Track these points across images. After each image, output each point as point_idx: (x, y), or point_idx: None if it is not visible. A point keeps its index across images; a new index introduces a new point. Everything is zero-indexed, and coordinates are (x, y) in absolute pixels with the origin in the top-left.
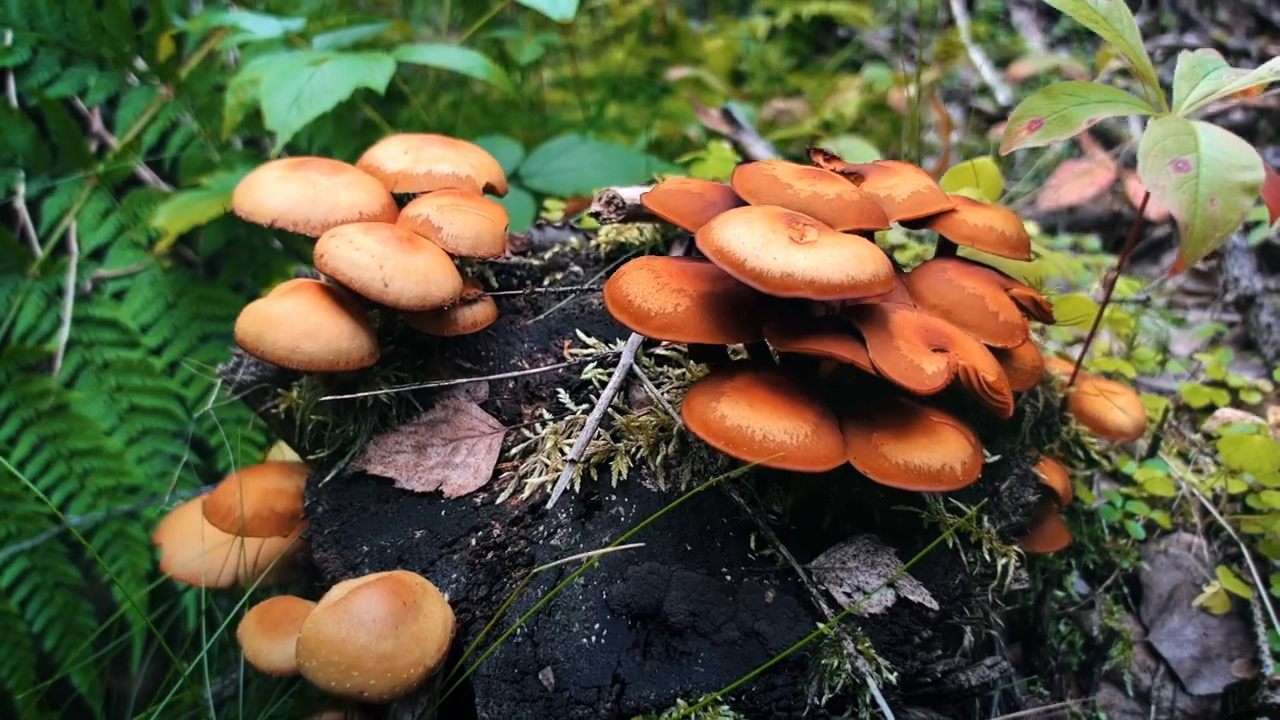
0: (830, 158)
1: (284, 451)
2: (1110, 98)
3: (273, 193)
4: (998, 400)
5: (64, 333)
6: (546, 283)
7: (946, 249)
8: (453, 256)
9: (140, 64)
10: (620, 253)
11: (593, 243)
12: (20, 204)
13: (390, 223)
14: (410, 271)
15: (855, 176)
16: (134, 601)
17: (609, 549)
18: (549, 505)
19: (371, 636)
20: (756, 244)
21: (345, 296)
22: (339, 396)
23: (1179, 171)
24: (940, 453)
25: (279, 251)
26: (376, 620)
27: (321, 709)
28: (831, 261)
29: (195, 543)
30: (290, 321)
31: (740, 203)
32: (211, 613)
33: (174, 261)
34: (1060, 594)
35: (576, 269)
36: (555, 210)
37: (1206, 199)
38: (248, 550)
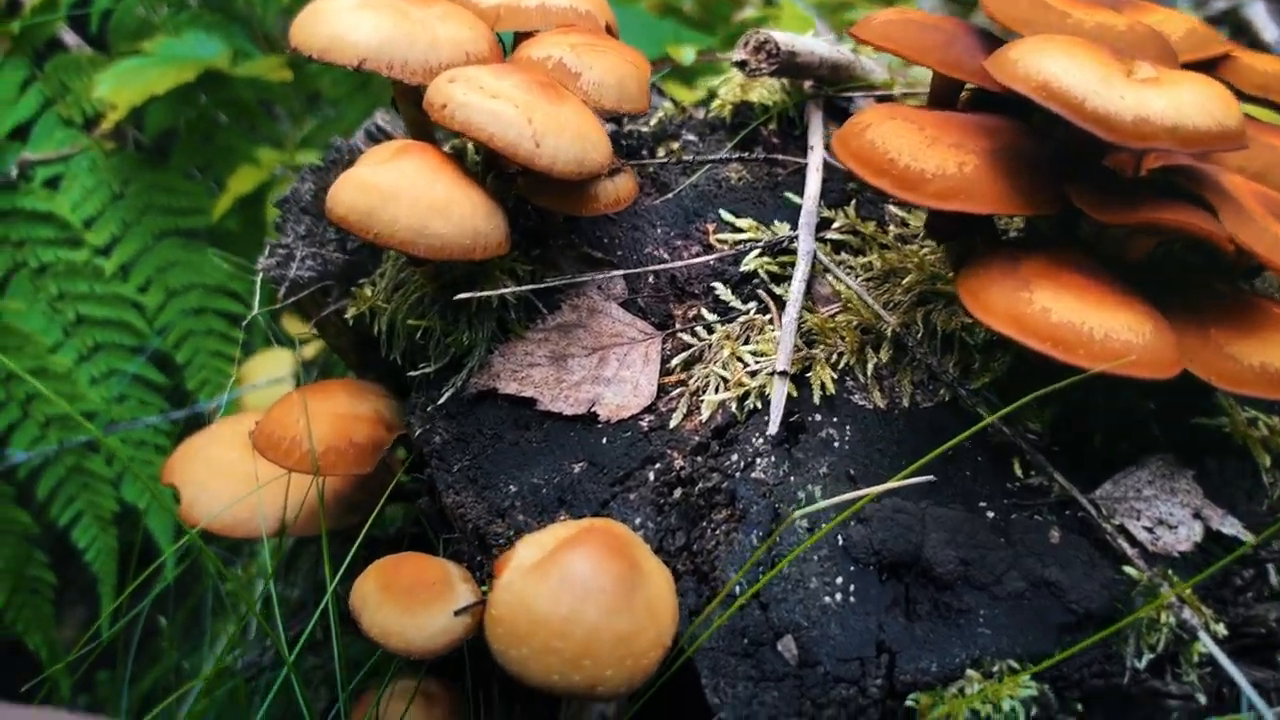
0: None
1: (256, 370)
2: None
3: (354, 25)
4: None
5: None
6: (663, 154)
7: None
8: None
9: None
10: (745, 117)
11: (712, 106)
12: None
13: (494, 59)
14: (563, 127)
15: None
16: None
17: (894, 484)
18: (771, 430)
19: (602, 612)
20: (1095, 79)
21: (467, 164)
22: (472, 294)
23: None
24: None
25: (240, 132)
26: (604, 589)
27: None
28: (1193, 103)
29: (222, 483)
30: (413, 194)
31: (984, 38)
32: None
33: (115, 144)
34: None
35: (691, 137)
36: None
37: None
38: (281, 492)
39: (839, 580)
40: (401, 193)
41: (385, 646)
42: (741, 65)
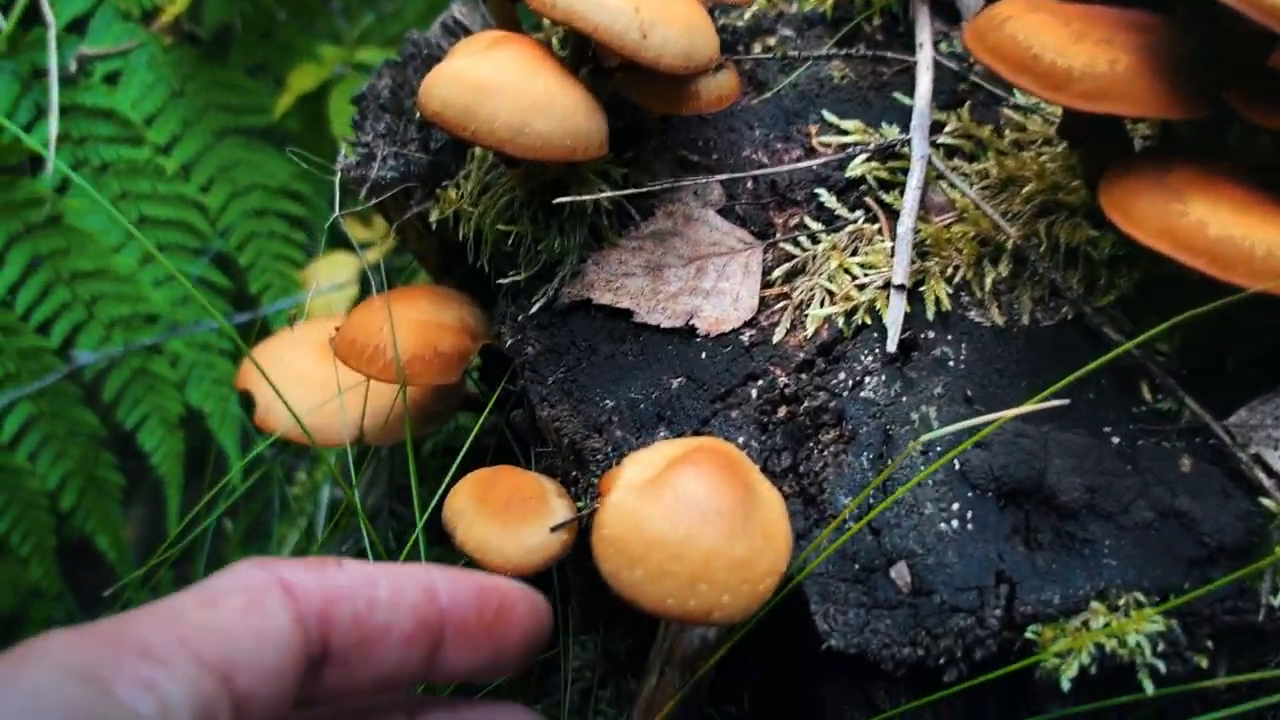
0: None
1: (320, 274)
2: None
3: None
4: None
5: (52, 124)
6: (759, 50)
7: None
8: None
9: None
10: (845, 12)
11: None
12: None
13: None
14: (672, 17)
15: None
16: (167, 454)
17: (1028, 408)
18: (890, 345)
19: (720, 535)
20: None
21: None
22: (570, 198)
23: None
24: None
25: (298, 28)
26: (722, 512)
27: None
28: None
29: (300, 389)
30: (514, 89)
31: None
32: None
33: (173, 39)
34: None
35: (789, 32)
36: None
37: None
38: (359, 401)
39: (955, 506)
40: (501, 87)
41: (481, 562)
42: None
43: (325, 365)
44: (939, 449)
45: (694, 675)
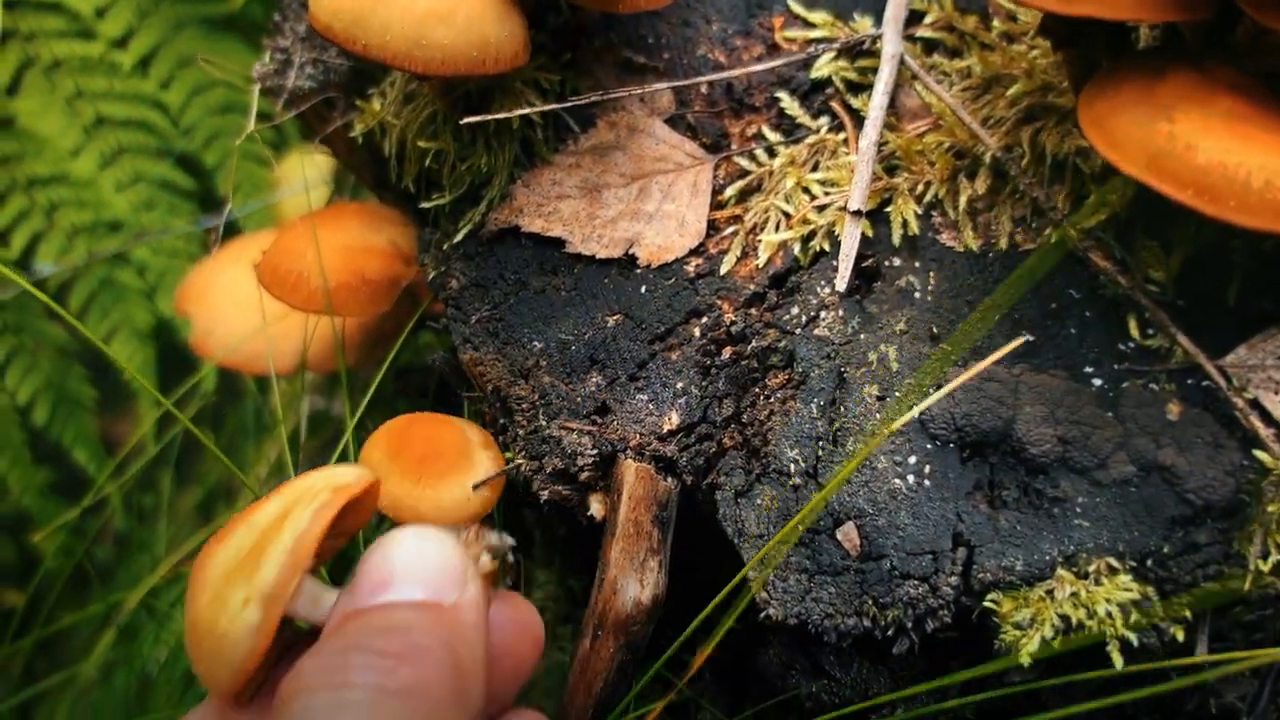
0: None
1: (292, 172)
2: None
3: None
4: None
5: None
6: None
7: None
8: None
9: None
10: None
11: None
12: None
13: None
14: None
15: None
16: (135, 370)
17: (989, 363)
18: (839, 285)
19: None
20: None
21: None
22: (482, 117)
23: None
24: None
25: None
26: None
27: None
28: None
29: (239, 314)
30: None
31: None
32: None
33: None
34: None
35: None
36: None
37: None
38: (301, 326)
39: (913, 460)
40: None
41: (397, 520)
42: None
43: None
44: (897, 394)
45: (628, 639)
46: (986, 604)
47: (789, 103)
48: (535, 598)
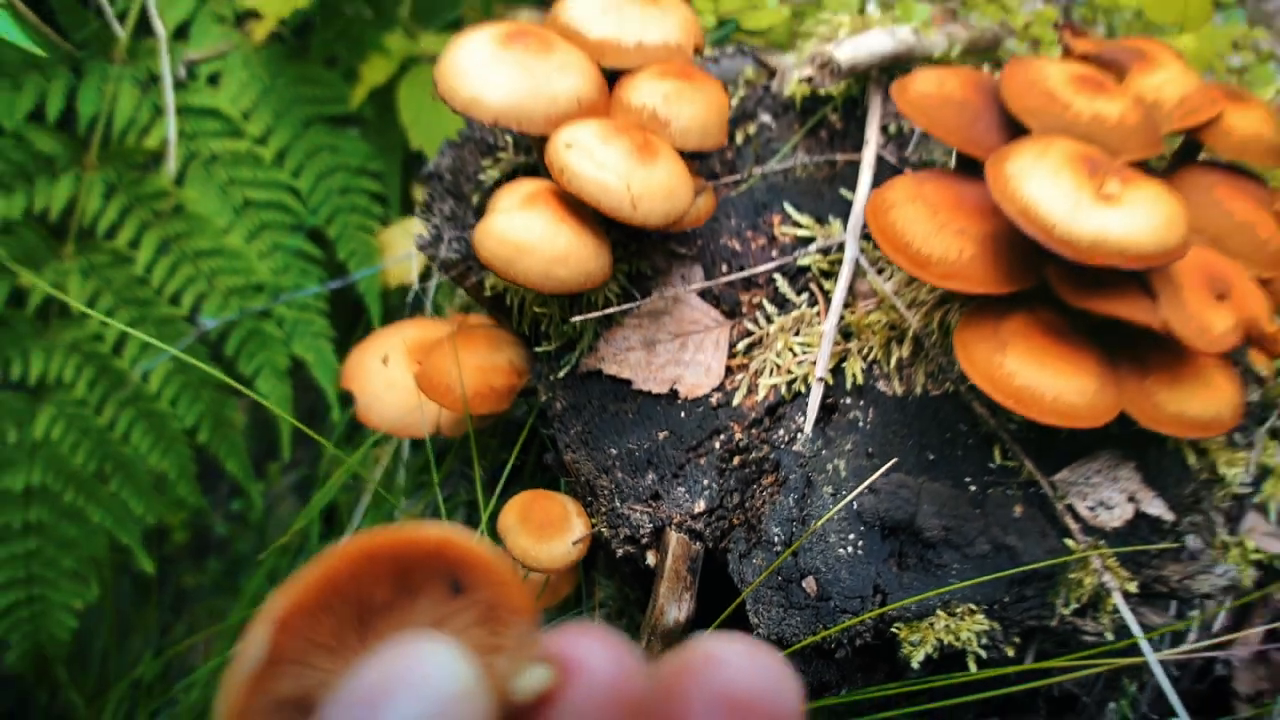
0: (1079, 32)
1: (394, 239)
2: None
3: (490, 85)
4: (1271, 350)
5: (170, 125)
6: (740, 140)
7: (1194, 151)
8: (680, 151)
9: None
10: (813, 101)
11: (785, 90)
12: None
13: (605, 104)
14: (656, 189)
15: (1116, 67)
16: (273, 401)
17: (878, 475)
18: (807, 428)
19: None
20: (1067, 205)
21: (583, 208)
22: (584, 316)
23: None
24: (1214, 403)
25: (369, 21)
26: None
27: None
28: (1145, 226)
29: (390, 395)
30: (541, 249)
31: (1004, 112)
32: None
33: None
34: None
35: (767, 119)
36: (706, 14)
37: None
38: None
39: (851, 537)
40: (531, 247)
41: (523, 565)
42: (808, 80)
43: (408, 374)
44: (844, 493)
45: (667, 645)
46: (893, 629)
47: (782, 283)
48: (599, 597)
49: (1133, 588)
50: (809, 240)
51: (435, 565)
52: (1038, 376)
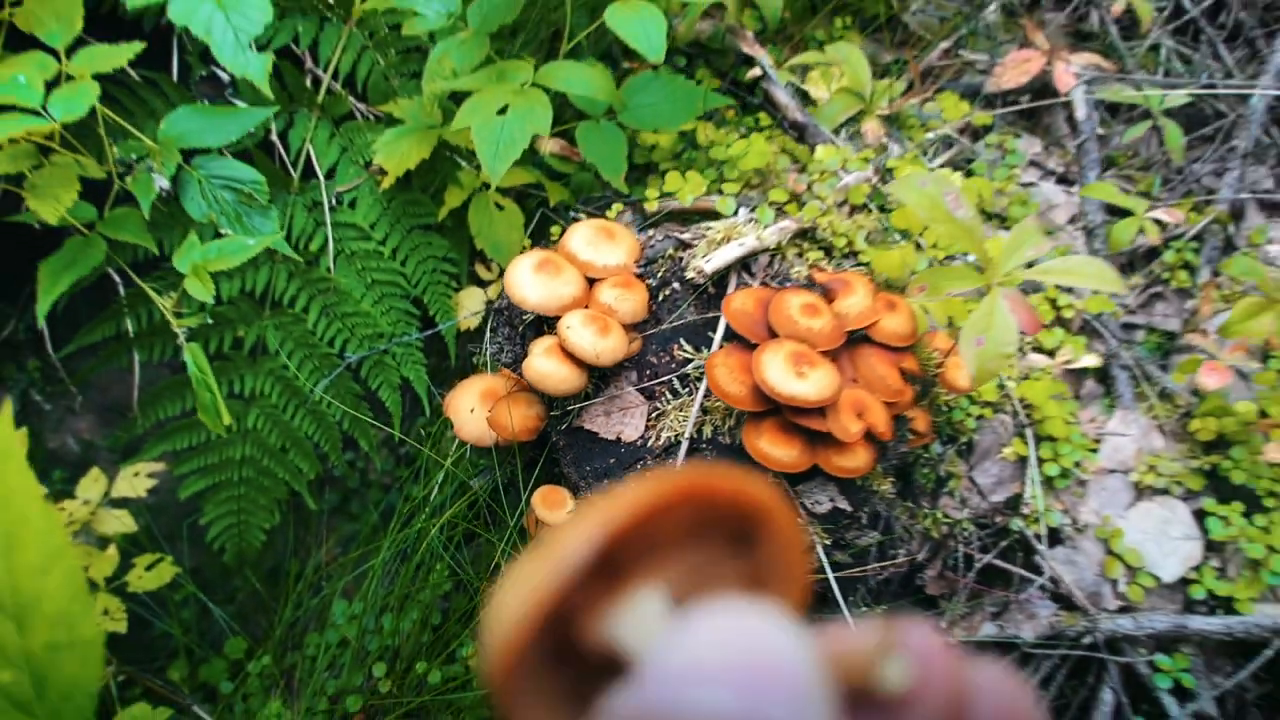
0: (820, 269)
1: (465, 300)
2: (961, 276)
3: (530, 291)
4: (883, 437)
5: (329, 233)
6: (660, 298)
7: (866, 337)
8: (624, 324)
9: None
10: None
11: (687, 272)
12: (275, 138)
13: (586, 297)
14: (607, 348)
15: (830, 292)
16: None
17: None
18: (680, 458)
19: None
20: (780, 377)
21: (574, 356)
22: (575, 405)
23: (978, 345)
24: (857, 460)
25: (456, 163)
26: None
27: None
28: (816, 389)
29: (471, 423)
30: (554, 375)
31: (770, 327)
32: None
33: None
34: (924, 453)
35: (677, 285)
36: (652, 200)
37: (989, 360)
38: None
39: None
40: (549, 375)
41: (545, 525)
42: (692, 279)
43: (482, 413)
44: None
45: None
46: None
47: (676, 383)
48: None
49: (829, 542)
50: (690, 360)
51: (726, 515)
52: (773, 449)
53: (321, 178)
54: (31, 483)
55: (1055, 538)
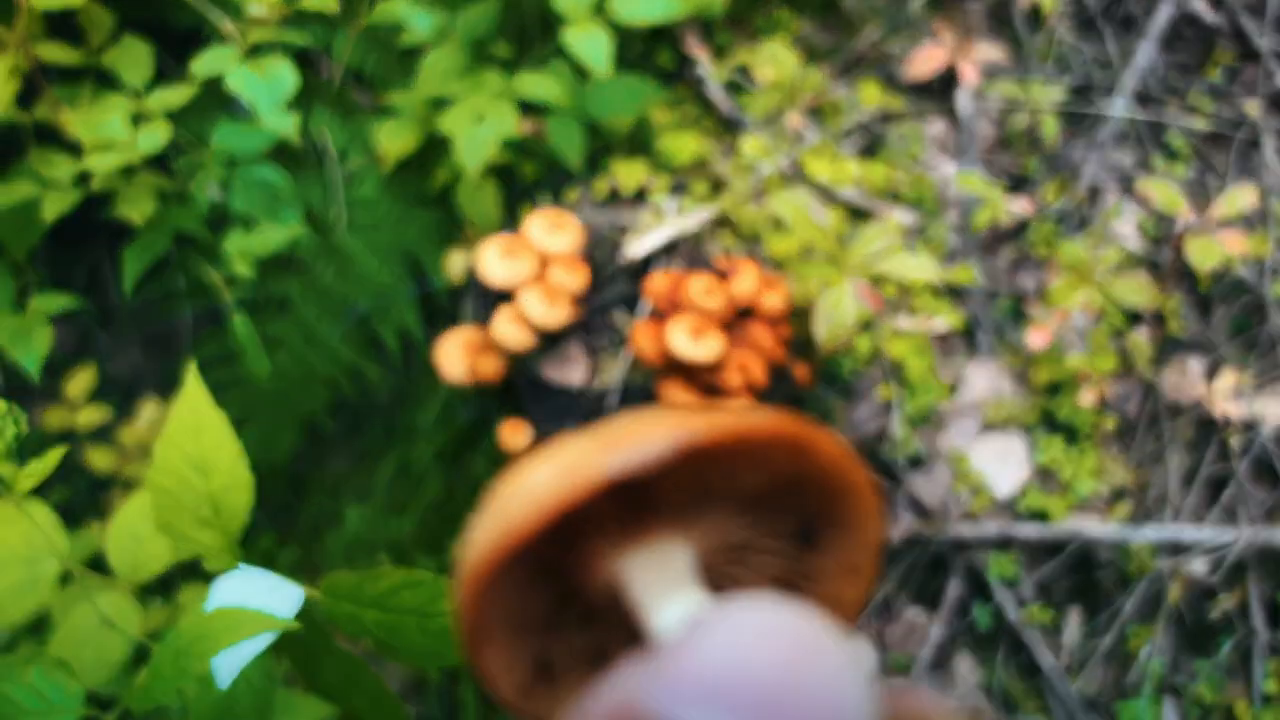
0: (718, 264)
1: (459, 258)
2: (819, 269)
3: (496, 273)
4: (760, 386)
5: (342, 208)
6: (601, 276)
7: (751, 310)
8: (571, 296)
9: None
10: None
11: (624, 253)
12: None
13: (540, 275)
14: (555, 317)
15: (726, 276)
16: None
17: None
18: (615, 401)
19: None
20: (682, 344)
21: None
22: (534, 358)
23: (829, 321)
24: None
25: (444, 149)
26: None
27: None
28: (708, 351)
29: (453, 367)
30: (515, 337)
31: (678, 303)
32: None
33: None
34: (811, 395)
35: (614, 265)
36: (601, 190)
37: (835, 330)
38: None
39: None
40: (511, 336)
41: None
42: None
43: (463, 360)
44: None
45: None
46: None
47: (611, 345)
48: None
49: None
50: (622, 327)
51: (809, 486)
52: (679, 397)
53: (335, 160)
54: (220, 419)
55: (916, 463)
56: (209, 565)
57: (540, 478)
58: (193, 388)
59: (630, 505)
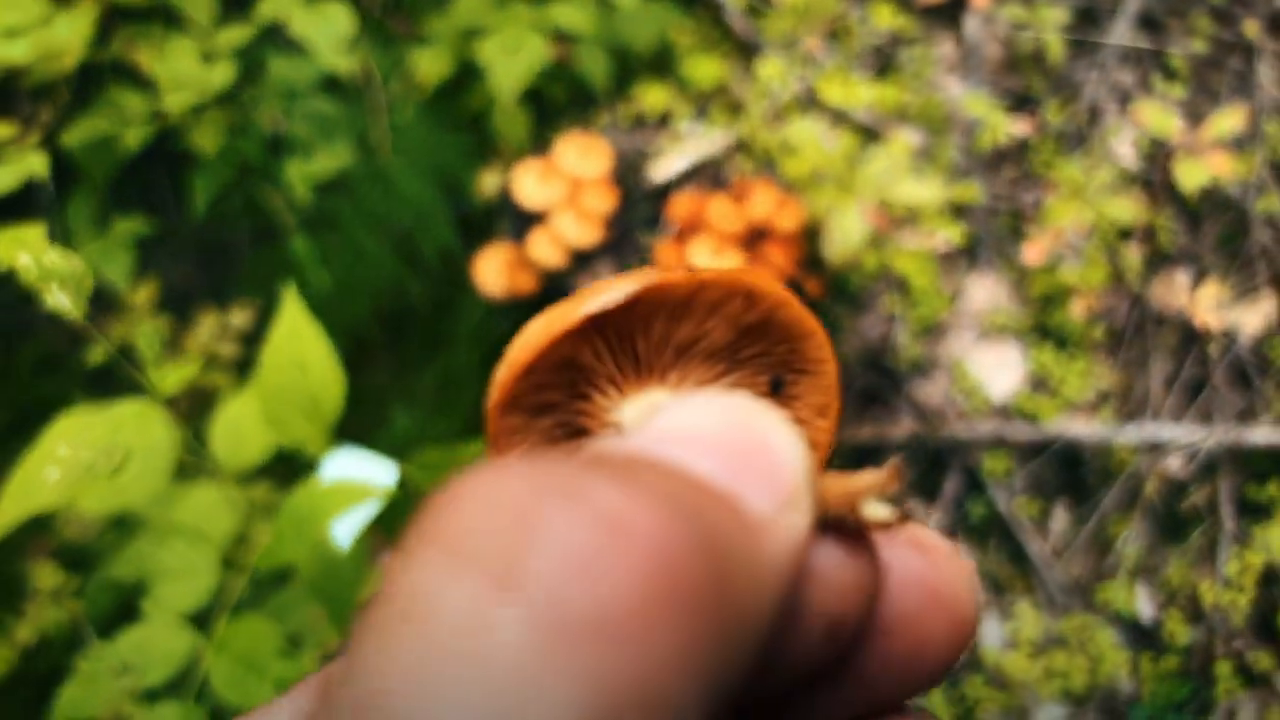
0: (744, 186)
1: (493, 177)
2: (829, 193)
3: (534, 195)
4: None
5: (387, 132)
6: (629, 199)
7: (769, 227)
8: (600, 217)
9: None
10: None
11: (649, 177)
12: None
13: (576, 198)
14: (587, 236)
15: (744, 197)
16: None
17: None
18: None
19: None
20: (707, 254)
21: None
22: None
23: (839, 239)
24: None
25: (478, 75)
26: None
27: None
28: (729, 263)
29: (493, 278)
30: (549, 256)
31: (700, 224)
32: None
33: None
34: (821, 306)
35: (641, 188)
36: (627, 116)
37: (844, 249)
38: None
39: None
40: (546, 256)
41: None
42: (650, 183)
43: (501, 274)
44: None
45: None
46: None
47: (638, 263)
48: None
49: None
50: (647, 246)
51: (778, 334)
52: None
53: (380, 87)
54: (315, 327)
55: (917, 369)
56: (309, 451)
57: (534, 326)
58: (291, 302)
59: (628, 370)
